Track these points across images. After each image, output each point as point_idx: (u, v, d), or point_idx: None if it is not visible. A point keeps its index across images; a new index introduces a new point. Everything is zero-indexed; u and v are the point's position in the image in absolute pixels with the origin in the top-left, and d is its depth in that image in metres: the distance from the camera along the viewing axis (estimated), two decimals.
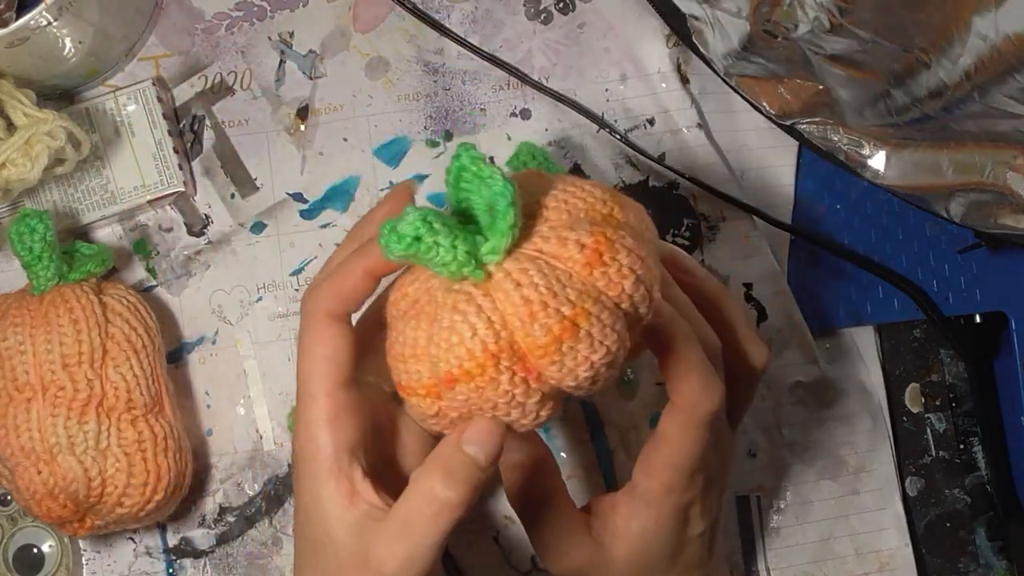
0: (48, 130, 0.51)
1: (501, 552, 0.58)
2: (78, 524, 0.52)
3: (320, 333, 0.39)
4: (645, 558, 0.43)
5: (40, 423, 0.50)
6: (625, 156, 0.60)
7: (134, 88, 0.58)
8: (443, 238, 0.34)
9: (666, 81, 0.60)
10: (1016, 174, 0.47)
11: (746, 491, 0.59)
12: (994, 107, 0.44)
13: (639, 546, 0.43)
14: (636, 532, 0.43)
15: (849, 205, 0.61)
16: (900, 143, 0.52)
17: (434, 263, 0.35)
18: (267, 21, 0.60)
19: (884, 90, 0.49)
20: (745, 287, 0.60)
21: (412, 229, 0.34)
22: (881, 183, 0.53)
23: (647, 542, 0.43)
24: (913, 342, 0.62)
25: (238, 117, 0.60)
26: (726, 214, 0.60)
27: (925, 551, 0.61)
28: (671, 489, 0.42)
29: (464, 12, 0.61)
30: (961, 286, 0.61)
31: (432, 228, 0.34)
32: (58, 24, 0.52)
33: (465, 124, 0.60)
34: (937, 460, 0.61)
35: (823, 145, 0.55)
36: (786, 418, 0.60)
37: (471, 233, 0.36)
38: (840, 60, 0.49)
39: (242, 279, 0.59)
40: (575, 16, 0.61)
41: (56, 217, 0.56)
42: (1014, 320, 0.59)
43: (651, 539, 0.43)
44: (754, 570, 0.59)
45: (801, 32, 0.49)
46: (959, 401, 0.62)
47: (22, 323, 0.51)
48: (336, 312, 0.39)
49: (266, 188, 0.59)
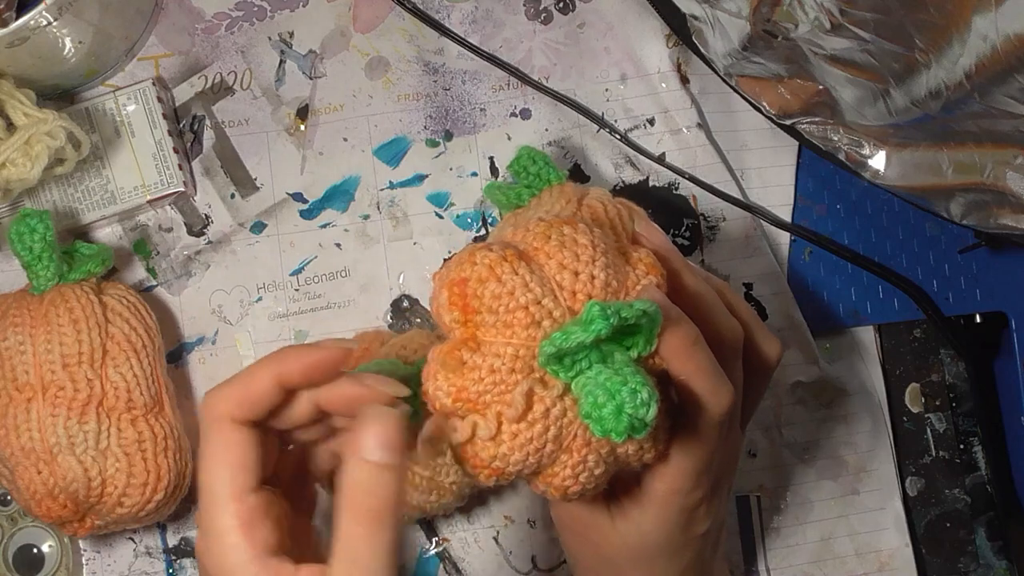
0: (48, 130, 0.51)
1: (501, 552, 0.58)
2: (78, 524, 0.52)
3: (224, 438, 0.36)
4: (648, 555, 0.43)
5: (40, 423, 0.50)
6: (625, 156, 0.60)
7: (134, 88, 0.58)
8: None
9: (666, 81, 0.60)
10: (1016, 174, 0.47)
11: (746, 491, 0.59)
12: (994, 107, 0.44)
13: (642, 544, 0.43)
14: (641, 531, 0.43)
15: (849, 205, 0.61)
16: (900, 143, 0.52)
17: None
18: (267, 21, 0.60)
19: (884, 90, 0.49)
20: (745, 287, 0.60)
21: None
22: (881, 183, 0.53)
23: (651, 541, 0.43)
24: (913, 342, 0.62)
25: (238, 117, 0.60)
26: (726, 214, 0.60)
27: (925, 551, 0.61)
28: (677, 491, 0.42)
29: (464, 12, 0.61)
30: (961, 286, 0.61)
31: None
32: (58, 24, 0.52)
33: (465, 124, 0.60)
34: (937, 460, 0.61)
35: (823, 145, 0.55)
36: (786, 418, 0.60)
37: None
38: (840, 60, 0.49)
39: (242, 279, 0.59)
40: (575, 16, 0.61)
41: (56, 217, 0.56)
42: (1014, 320, 0.59)
43: (655, 538, 0.43)
44: (754, 570, 0.59)
45: (801, 32, 0.49)
46: (959, 401, 0.62)
47: (22, 323, 0.51)
48: (240, 418, 0.36)
49: (266, 188, 0.59)
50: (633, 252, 0.39)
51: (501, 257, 0.36)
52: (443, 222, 0.60)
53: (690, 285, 0.42)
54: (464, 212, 0.60)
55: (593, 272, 0.37)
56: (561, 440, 0.36)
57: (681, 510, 0.42)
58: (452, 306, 0.37)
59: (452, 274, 0.37)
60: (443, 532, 0.58)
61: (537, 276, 0.36)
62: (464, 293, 0.36)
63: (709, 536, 0.44)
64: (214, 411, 0.36)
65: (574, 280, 0.36)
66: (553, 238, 0.37)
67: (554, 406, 0.36)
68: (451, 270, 0.37)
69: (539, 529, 0.58)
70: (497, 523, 0.58)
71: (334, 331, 0.58)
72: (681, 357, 0.38)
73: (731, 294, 0.46)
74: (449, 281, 0.37)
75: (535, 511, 0.58)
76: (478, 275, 0.36)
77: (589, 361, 0.35)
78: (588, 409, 0.34)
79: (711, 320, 0.42)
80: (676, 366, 0.38)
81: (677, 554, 0.44)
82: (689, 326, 0.39)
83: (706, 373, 0.39)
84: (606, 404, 0.33)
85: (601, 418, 0.33)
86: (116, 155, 0.57)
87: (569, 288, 0.36)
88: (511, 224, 0.48)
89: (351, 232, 0.59)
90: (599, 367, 0.35)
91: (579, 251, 0.37)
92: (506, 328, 0.36)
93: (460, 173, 0.60)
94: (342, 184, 0.60)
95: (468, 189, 0.60)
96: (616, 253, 0.39)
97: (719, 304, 0.43)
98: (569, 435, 0.36)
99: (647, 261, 0.39)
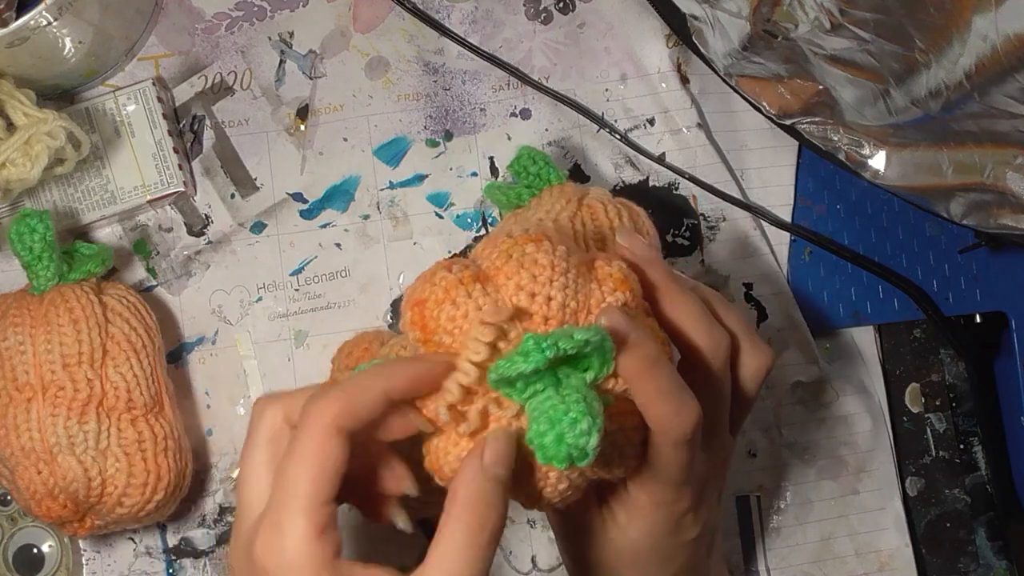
0: (48, 130, 0.51)
1: (501, 552, 0.58)
2: (78, 524, 0.52)
3: (319, 445, 0.36)
4: (639, 560, 0.44)
5: (40, 423, 0.50)
6: (625, 156, 0.60)
7: (134, 88, 0.58)
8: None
9: (666, 81, 0.60)
10: (1016, 174, 0.47)
11: (746, 491, 0.59)
12: (994, 107, 0.44)
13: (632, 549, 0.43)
14: (629, 537, 0.43)
15: (849, 205, 0.61)
16: (900, 143, 0.52)
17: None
18: (267, 21, 0.60)
19: (884, 90, 0.49)
20: (745, 287, 0.60)
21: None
22: (881, 183, 0.53)
23: (641, 547, 0.43)
24: (913, 342, 0.62)
25: (238, 117, 0.60)
26: (726, 214, 0.60)
27: (925, 551, 0.61)
28: (659, 502, 0.42)
29: (464, 12, 0.61)
30: (961, 286, 0.61)
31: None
32: (58, 24, 0.52)
33: (465, 124, 0.60)
34: (937, 460, 0.61)
35: (823, 145, 0.55)
36: (786, 418, 0.60)
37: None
38: (840, 60, 0.49)
39: (242, 279, 0.59)
40: (575, 16, 0.61)
41: (56, 217, 0.56)
42: (1014, 320, 0.59)
43: (644, 544, 0.43)
44: (754, 570, 0.59)
45: (801, 32, 0.49)
46: (959, 401, 0.62)
47: (22, 323, 0.51)
48: (344, 428, 0.36)
49: (266, 188, 0.59)
50: (605, 266, 0.39)
51: (458, 280, 0.37)
52: (443, 222, 0.60)
53: (671, 296, 0.42)
54: (464, 212, 0.60)
55: (550, 293, 0.37)
56: (522, 457, 0.37)
57: (667, 518, 0.42)
58: (413, 325, 0.38)
59: (415, 294, 0.38)
60: None
61: (491, 298, 0.37)
62: (423, 314, 0.37)
63: (701, 540, 0.44)
64: (319, 417, 0.36)
65: (530, 302, 0.37)
66: (514, 258, 0.38)
67: (510, 426, 0.36)
68: (415, 289, 0.38)
69: (539, 529, 0.58)
70: None
71: (334, 331, 0.58)
72: (640, 379, 0.38)
73: (720, 303, 0.45)
74: (411, 300, 0.38)
75: (535, 512, 0.58)
76: (435, 297, 0.37)
77: (543, 384, 0.36)
78: (531, 436, 0.35)
79: (694, 331, 0.42)
80: (635, 388, 0.38)
81: (668, 559, 0.44)
82: (648, 347, 0.38)
83: (666, 394, 0.38)
84: (547, 432, 0.34)
85: (543, 446, 0.34)
86: (116, 155, 0.57)
87: (526, 310, 0.37)
88: (511, 224, 0.48)
89: (351, 232, 0.59)
90: (549, 392, 0.35)
91: (537, 272, 0.37)
92: (463, 349, 0.36)
93: (460, 173, 0.60)
94: (342, 184, 0.60)
95: (468, 189, 0.60)
96: (584, 270, 0.39)
97: (705, 314, 0.42)
98: (529, 452, 0.37)
99: (617, 277, 0.39)
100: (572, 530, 0.45)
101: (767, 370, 0.45)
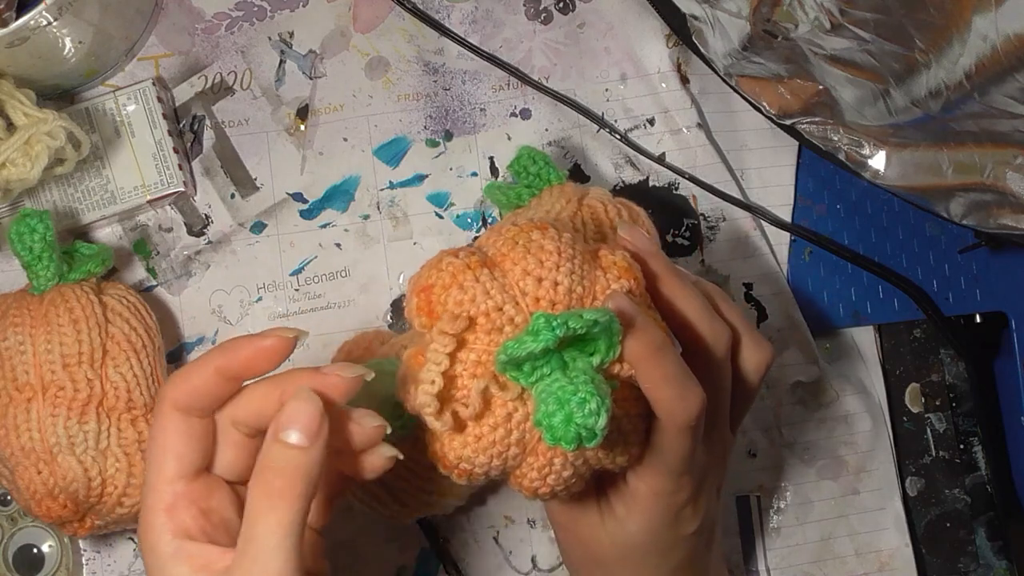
0: (48, 130, 0.51)
1: (501, 552, 0.58)
2: (78, 524, 0.52)
3: (162, 424, 0.38)
4: (637, 553, 0.44)
5: (40, 423, 0.50)
6: (625, 156, 0.60)
7: (134, 88, 0.58)
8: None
9: (666, 81, 0.60)
10: (1016, 174, 0.47)
11: (746, 491, 0.59)
12: (994, 107, 0.44)
13: (630, 543, 0.43)
14: (628, 530, 0.43)
15: (849, 205, 0.61)
16: (900, 143, 0.52)
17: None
18: (267, 21, 0.60)
19: (884, 90, 0.49)
20: (745, 287, 0.60)
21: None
22: (881, 183, 0.53)
23: (639, 540, 0.43)
24: (913, 342, 0.62)
25: (238, 117, 0.60)
26: (726, 214, 0.60)
27: (925, 551, 0.61)
28: (659, 493, 0.42)
29: (464, 12, 0.61)
30: (961, 286, 0.61)
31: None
32: (58, 24, 0.52)
33: (465, 124, 0.60)
34: (937, 460, 0.61)
35: (823, 145, 0.55)
36: (786, 418, 0.60)
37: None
38: (840, 60, 0.49)
39: (242, 279, 0.59)
40: (575, 16, 0.61)
41: (56, 217, 0.56)
42: (1014, 320, 0.59)
43: (643, 537, 0.43)
44: (754, 570, 0.59)
45: (801, 32, 0.49)
46: (959, 401, 0.62)
47: (22, 323, 0.51)
48: (181, 404, 0.38)
49: (266, 188, 0.59)
50: (609, 255, 0.39)
51: (465, 265, 0.37)
52: (443, 222, 0.60)
53: (672, 288, 0.42)
54: (464, 212, 0.60)
55: (556, 278, 0.37)
56: (525, 444, 0.37)
57: (666, 510, 0.42)
58: (419, 311, 0.38)
59: (420, 280, 0.38)
60: (443, 532, 0.58)
61: (499, 283, 0.37)
62: (429, 300, 0.38)
63: (700, 534, 0.44)
64: (160, 401, 0.38)
65: (537, 286, 0.37)
66: (520, 244, 0.38)
67: (516, 411, 0.37)
68: (420, 276, 0.38)
69: (539, 529, 0.58)
70: (497, 523, 0.58)
71: (334, 331, 0.58)
72: (646, 363, 0.38)
73: (721, 298, 0.45)
74: (417, 287, 0.38)
75: (535, 511, 0.58)
76: (442, 282, 0.37)
77: (550, 367, 0.36)
78: (539, 417, 0.35)
79: (695, 323, 0.42)
80: (640, 372, 0.38)
81: (667, 553, 0.44)
82: (654, 332, 0.38)
83: (672, 379, 0.38)
84: (556, 413, 0.34)
85: (551, 427, 0.34)
86: (116, 155, 0.57)
87: (532, 294, 0.37)
88: (510, 223, 0.48)
89: (351, 232, 0.59)
90: (557, 374, 0.35)
91: (544, 257, 0.37)
92: (469, 334, 0.36)
93: (460, 173, 0.60)
94: (342, 184, 0.60)
95: (468, 189, 0.60)
96: (588, 257, 0.39)
97: (706, 307, 0.43)
98: (533, 439, 0.37)
99: (621, 265, 0.39)
100: (571, 526, 0.46)
101: (767, 365, 0.45)
